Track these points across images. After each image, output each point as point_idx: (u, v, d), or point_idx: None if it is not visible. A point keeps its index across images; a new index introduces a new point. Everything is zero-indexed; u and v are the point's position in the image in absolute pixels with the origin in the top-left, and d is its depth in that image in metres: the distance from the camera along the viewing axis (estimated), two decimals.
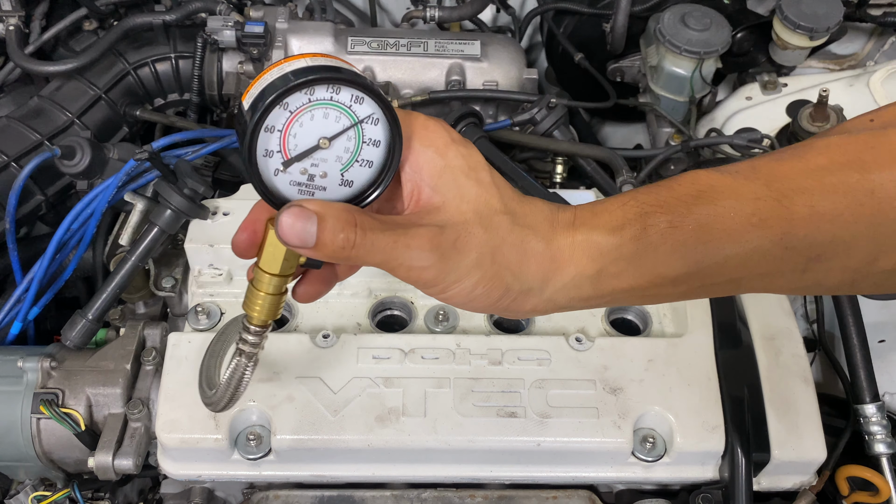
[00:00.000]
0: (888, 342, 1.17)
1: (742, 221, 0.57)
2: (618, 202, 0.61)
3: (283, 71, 0.58)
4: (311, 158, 0.59)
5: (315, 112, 0.58)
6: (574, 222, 0.60)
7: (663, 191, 0.60)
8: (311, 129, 0.58)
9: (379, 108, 0.59)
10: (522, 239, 0.60)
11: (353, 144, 0.59)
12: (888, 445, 1.01)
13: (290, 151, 0.59)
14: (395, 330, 1.09)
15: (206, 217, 1.10)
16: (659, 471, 0.98)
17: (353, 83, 0.57)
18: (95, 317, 1.07)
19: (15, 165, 1.30)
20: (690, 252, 0.58)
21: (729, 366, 1.01)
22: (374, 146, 0.60)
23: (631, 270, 0.60)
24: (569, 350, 1.02)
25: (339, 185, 0.61)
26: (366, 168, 0.60)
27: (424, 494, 1.00)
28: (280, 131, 0.58)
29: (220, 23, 1.42)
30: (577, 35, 1.63)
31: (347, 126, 0.59)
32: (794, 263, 0.58)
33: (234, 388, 0.69)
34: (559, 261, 0.60)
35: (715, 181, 0.59)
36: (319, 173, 0.60)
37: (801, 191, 0.57)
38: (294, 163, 0.59)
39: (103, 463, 1.00)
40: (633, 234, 0.59)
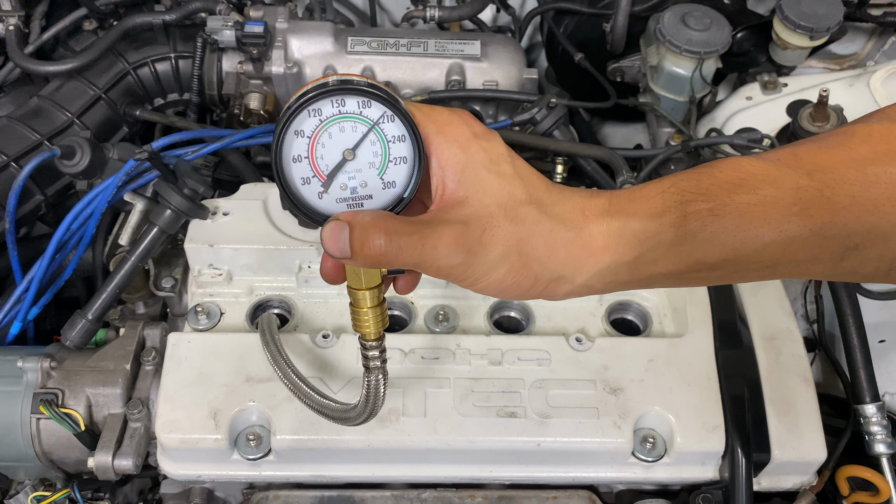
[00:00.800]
0: (888, 342, 1.17)
1: (783, 210, 0.58)
2: (657, 188, 0.61)
3: (305, 88, 0.60)
4: (346, 172, 0.61)
5: (331, 129, 0.60)
6: (609, 209, 0.61)
7: (704, 178, 0.60)
8: (333, 146, 0.60)
9: (385, 107, 0.60)
10: (550, 229, 0.60)
11: (379, 147, 0.61)
12: (888, 445, 1.01)
13: (323, 173, 0.61)
14: (395, 330, 1.09)
15: (205, 217, 1.10)
16: (659, 471, 0.98)
17: (349, 90, 0.59)
18: (95, 317, 1.07)
19: (15, 165, 1.30)
20: (730, 239, 0.59)
21: (729, 366, 1.01)
22: (401, 141, 0.61)
23: (670, 256, 0.60)
24: (569, 350, 1.01)
25: (382, 189, 0.62)
26: (401, 165, 0.62)
27: (424, 494, 1.00)
28: (307, 157, 0.60)
29: (220, 23, 1.42)
30: (577, 35, 1.63)
31: (365, 132, 0.60)
32: (832, 252, 0.59)
33: (374, 402, 0.72)
34: (592, 248, 0.60)
35: (757, 169, 0.59)
36: (360, 184, 0.62)
37: (843, 181, 0.57)
38: (331, 181, 0.61)
39: (103, 463, 1.00)
40: (673, 220, 0.59)
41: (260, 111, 1.46)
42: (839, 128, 0.62)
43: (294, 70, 1.45)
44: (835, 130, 0.61)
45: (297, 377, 0.89)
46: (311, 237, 1.09)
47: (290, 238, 1.08)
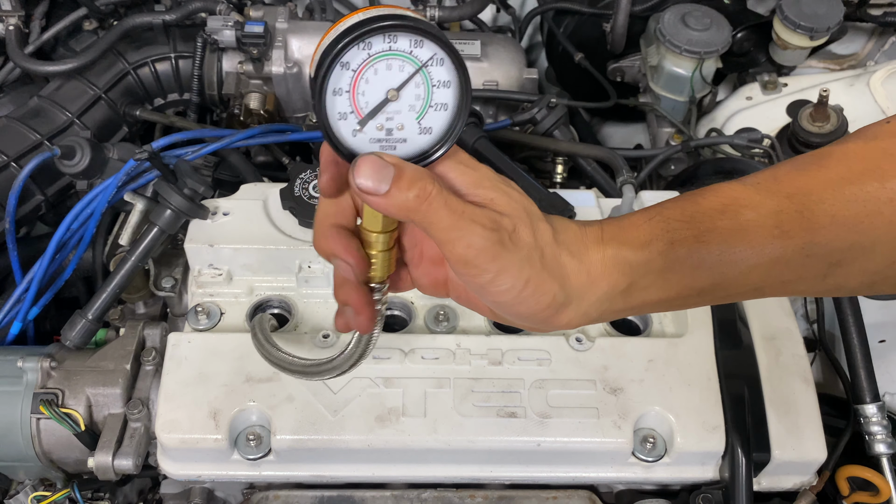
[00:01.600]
0: (888, 342, 1.17)
1: (765, 233, 0.59)
2: (644, 217, 0.62)
3: (336, 32, 0.57)
4: (385, 112, 0.59)
5: (377, 66, 0.57)
6: (602, 237, 0.62)
7: (688, 205, 0.61)
8: (378, 83, 0.58)
9: (439, 48, 0.57)
10: (560, 253, 0.61)
11: (422, 91, 0.59)
12: (888, 445, 1.01)
13: (362, 110, 0.58)
14: (395, 330, 1.09)
15: (205, 217, 1.10)
16: (659, 471, 0.98)
17: (405, 27, 0.56)
18: (95, 317, 1.07)
19: (15, 165, 1.30)
20: (716, 264, 0.60)
21: (729, 366, 1.01)
22: (445, 87, 0.59)
23: (660, 283, 0.61)
24: (569, 350, 1.01)
25: (418, 134, 0.60)
26: (441, 112, 0.60)
27: (424, 494, 1.00)
28: (348, 92, 0.57)
29: (220, 23, 1.42)
30: (577, 35, 1.63)
31: (412, 72, 0.58)
32: (816, 270, 0.60)
33: (365, 346, 0.70)
34: (592, 275, 0.61)
35: (738, 193, 0.61)
36: (396, 126, 0.59)
37: (822, 201, 0.58)
38: (369, 120, 0.58)
39: (103, 463, 1.00)
40: (661, 249, 0.60)
41: (260, 111, 1.46)
42: (817, 150, 0.63)
43: (294, 70, 1.45)
44: (812, 152, 0.63)
45: (284, 354, 0.84)
46: (310, 237, 1.09)
47: (290, 238, 1.08)
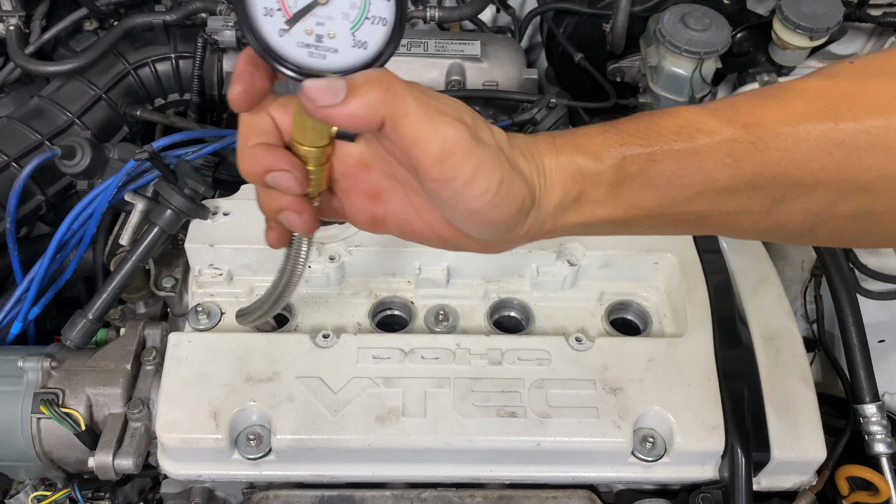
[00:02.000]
0: (888, 342, 1.17)
1: (717, 161, 0.59)
2: (598, 129, 0.62)
3: None
4: (315, 16, 0.55)
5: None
6: (555, 144, 0.62)
7: (644, 123, 0.61)
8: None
9: None
10: (516, 155, 0.60)
11: (360, 1, 0.55)
12: (888, 445, 1.01)
13: (290, 9, 0.54)
14: (395, 330, 1.09)
15: (206, 217, 1.10)
16: (659, 471, 0.98)
17: None
18: (96, 317, 1.07)
19: (15, 165, 1.30)
20: (665, 186, 0.61)
21: (729, 366, 1.01)
22: (384, 0, 0.56)
23: (609, 198, 0.62)
24: (569, 350, 1.02)
25: (351, 46, 0.56)
26: (379, 26, 0.56)
27: (424, 494, 1.00)
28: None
29: (221, 23, 1.42)
30: (577, 35, 1.63)
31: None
32: (760, 204, 0.61)
33: (294, 261, 0.68)
34: (549, 180, 0.61)
35: (695, 118, 0.61)
36: (327, 33, 0.56)
37: (776, 135, 0.59)
38: (296, 21, 0.55)
39: (103, 463, 1.00)
40: (613, 162, 0.60)
41: None
42: (778, 83, 0.63)
43: None
44: (773, 85, 0.63)
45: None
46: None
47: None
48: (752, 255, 1.15)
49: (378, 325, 1.09)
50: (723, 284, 1.08)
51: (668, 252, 1.10)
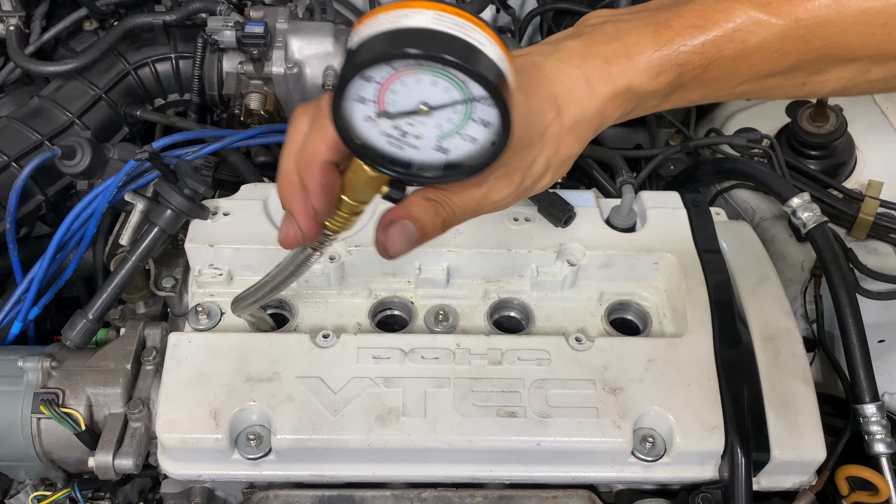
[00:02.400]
0: (888, 342, 1.17)
1: (765, 56, 0.63)
2: (654, 44, 0.63)
3: (399, 23, 0.51)
4: (408, 118, 0.54)
5: (423, 77, 0.52)
6: (610, 72, 0.63)
7: (699, 33, 0.63)
8: (415, 91, 0.52)
9: (490, 93, 0.52)
10: (571, 128, 0.64)
11: (458, 118, 0.54)
12: (888, 445, 1.01)
13: (385, 105, 0.53)
14: (395, 330, 1.09)
15: (206, 217, 1.10)
16: (659, 471, 0.98)
17: (469, 72, 0.50)
18: (96, 317, 1.07)
19: (15, 165, 1.30)
20: (713, 82, 0.64)
21: (729, 366, 1.01)
22: (483, 126, 0.55)
23: (659, 104, 0.66)
24: (569, 350, 1.02)
25: (432, 148, 0.56)
26: (468, 142, 0.56)
27: (424, 494, 1.00)
28: (378, 83, 0.52)
29: (221, 23, 1.42)
30: None
31: (456, 100, 0.53)
32: (798, 79, 0.66)
33: (295, 268, 0.71)
34: (604, 114, 0.64)
35: (750, 19, 0.62)
36: (414, 133, 0.55)
37: (824, 24, 0.62)
38: (387, 118, 0.54)
39: (103, 463, 1.00)
40: (668, 79, 0.63)
41: (260, 111, 1.46)
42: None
43: (294, 70, 1.45)
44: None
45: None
46: None
47: None
48: (752, 255, 1.15)
49: (378, 325, 1.09)
50: (723, 284, 1.08)
51: (668, 252, 1.10)
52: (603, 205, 1.16)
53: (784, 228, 1.31)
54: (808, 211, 1.13)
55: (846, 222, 1.27)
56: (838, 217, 1.27)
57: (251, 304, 0.92)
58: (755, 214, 1.34)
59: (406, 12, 0.51)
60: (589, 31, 0.66)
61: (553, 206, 1.11)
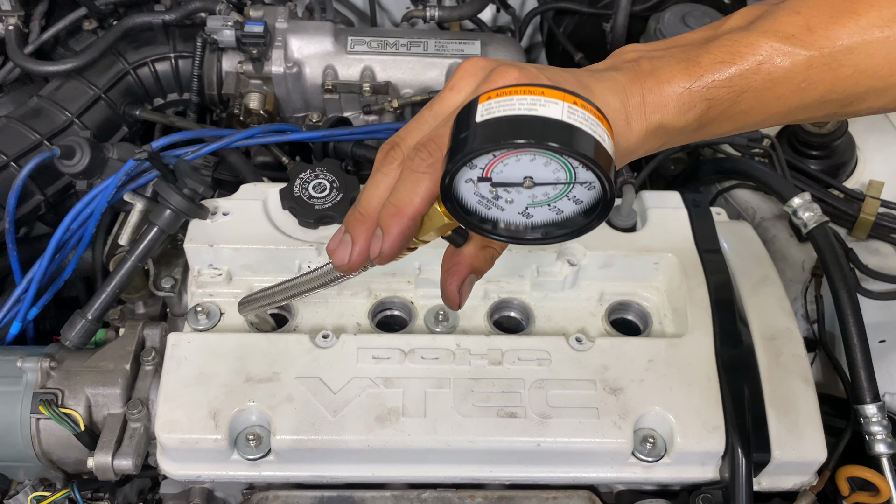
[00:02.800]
0: (888, 342, 1.17)
1: (793, 88, 0.63)
2: (685, 81, 0.63)
3: (535, 111, 0.54)
4: (508, 188, 0.58)
5: (538, 157, 0.55)
6: (645, 110, 0.64)
7: (727, 68, 0.63)
8: (525, 167, 0.56)
9: (601, 182, 0.56)
10: None
11: (554, 194, 0.58)
12: (888, 446, 1.00)
13: (492, 173, 0.56)
14: (394, 330, 1.09)
15: (205, 217, 1.10)
16: (659, 471, 0.98)
17: (588, 161, 0.53)
18: (95, 317, 1.07)
19: (14, 165, 1.30)
20: (741, 117, 0.65)
21: (729, 366, 1.01)
22: (574, 203, 0.58)
23: (688, 137, 0.66)
24: (569, 350, 1.01)
25: (518, 213, 0.59)
26: (553, 213, 0.59)
27: (424, 495, 1.00)
28: (494, 156, 0.55)
29: (220, 22, 1.42)
30: (577, 35, 1.63)
31: (560, 181, 0.56)
32: (828, 111, 0.66)
33: (322, 283, 0.74)
34: (633, 151, 0.65)
35: (774, 51, 0.63)
36: (507, 198, 0.58)
37: (849, 51, 0.62)
38: (489, 185, 0.57)
39: (103, 463, 1.00)
40: (698, 114, 0.64)
41: (260, 111, 1.46)
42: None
43: (294, 70, 1.45)
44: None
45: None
46: (310, 237, 1.09)
47: (290, 238, 1.08)
48: (753, 255, 1.15)
49: (378, 326, 1.09)
50: (723, 284, 1.08)
51: (669, 252, 1.10)
52: None
53: (785, 228, 1.31)
54: (809, 211, 1.12)
55: (847, 222, 1.27)
56: (839, 217, 1.27)
57: (262, 306, 0.92)
58: (756, 214, 1.34)
59: (542, 100, 0.54)
60: (627, 66, 0.66)
61: None
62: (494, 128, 0.54)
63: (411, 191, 0.61)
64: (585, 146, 0.53)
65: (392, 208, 0.62)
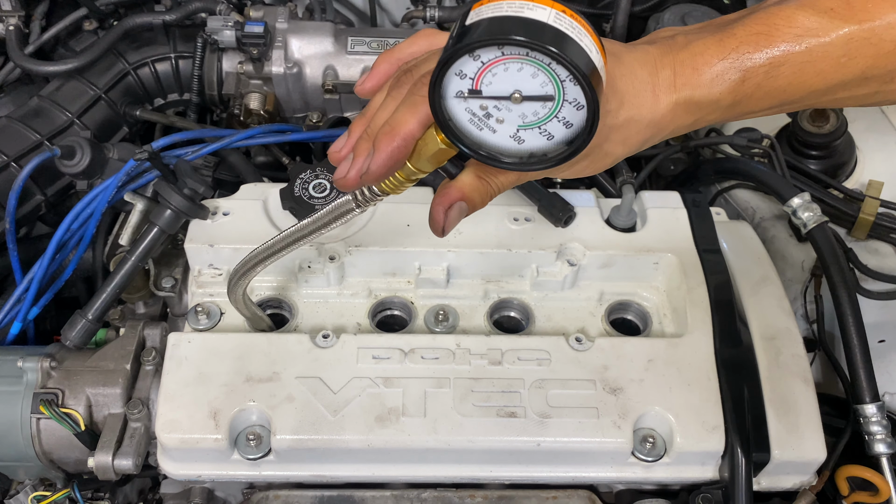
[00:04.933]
0: (888, 342, 1.17)
1: (832, 62, 0.62)
2: (718, 53, 0.63)
3: (521, 12, 0.55)
4: (497, 102, 0.57)
5: (526, 66, 0.55)
6: (675, 83, 0.63)
7: (762, 39, 0.63)
8: (514, 78, 0.56)
9: (587, 100, 0.56)
10: (631, 116, 0.64)
11: (544, 113, 0.57)
12: (888, 445, 1.01)
13: (481, 85, 0.57)
14: (395, 330, 1.09)
15: (205, 217, 1.10)
16: (659, 471, 0.98)
17: (576, 70, 0.54)
18: (95, 317, 1.07)
19: (15, 165, 1.30)
20: (779, 94, 0.64)
21: (729, 366, 1.01)
22: (564, 126, 0.58)
23: (722, 114, 0.65)
24: (569, 350, 1.01)
25: (509, 136, 0.59)
26: (543, 137, 0.59)
27: (424, 494, 1.00)
28: (483, 63, 0.56)
29: (220, 23, 1.42)
30: None
31: (549, 95, 0.57)
32: (869, 89, 0.65)
33: (333, 218, 0.73)
34: (661, 125, 0.64)
35: (812, 23, 0.62)
36: (497, 117, 0.58)
37: (889, 26, 0.61)
38: (478, 98, 0.58)
39: (103, 463, 1.00)
40: (732, 87, 0.63)
41: (260, 111, 1.46)
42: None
43: (294, 70, 1.45)
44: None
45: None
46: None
47: None
48: (753, 255, 1.15)
49: (378, 326, 1.09)
50: (723, 284, 1.08)
51: (669, 252, 1.10)
52: (603, 205, 1.16)
53: (784, 228, 1.31)
54: (809, 211, 1.12)
55: (846, 222, 1.27)
56: (839, 217, 1.27)
57: (281, 250, 0.87)
58: (755, 214, 1.34)
59: (529, 5, 0.55)
60: (662, 40, 0.66)
61: (553, 206, 1.11)
62: (478, 28, 0.55)
63: (408, 112, 0.62)
64: (566, 49, 0.54)
65: (387, 127, 0.63)
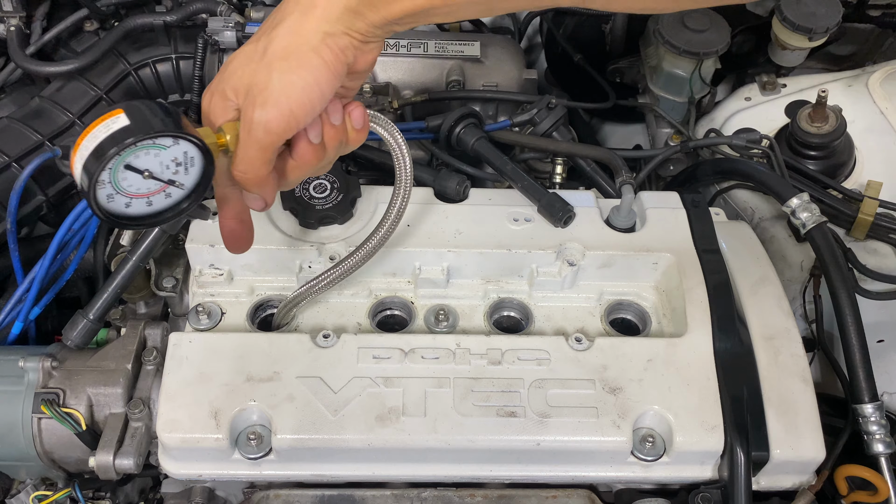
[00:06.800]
0: (887, 342, 1.18)
1: None
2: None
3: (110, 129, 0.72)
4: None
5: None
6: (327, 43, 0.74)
7: None
8: (145, 162, 0.74)
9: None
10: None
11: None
12: (887, 445, 1.01)
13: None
14: (395, 330, 1.09)
15: (206, 217, 1.10)
16: (658, 470, 0.99)
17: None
18: (96, 317, 1.08)
19: (16, 166, 1.30)
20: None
21: (728, 366, 1.01)
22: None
23: (382, 29, 0.75)
24: (568, 350, 1.02)
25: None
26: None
27: (424, 494, 1.01)
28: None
29: (221, 23, 1.43)
30: (576, 36, 1.63)
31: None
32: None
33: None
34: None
35: None
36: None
37: None
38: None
39: (104, 462, 1.00)
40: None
41: None
42: None
43: None
44: None
45: None
46: (311, 237, 1.09)
47: (290, 238, 1.09)
48: (752, 255, 1.15)
49: (378, 325, 1.10)
50: (722, 284, 1.08)
51: (668, 252, 1.10)
52: (602, 205, 1.16)
53: (783, 228, 1.31)
54: (808, 211, 1.13)
55: (845, 222, 1.28)
56: (837, 217, 1.27)
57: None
58: (754, 215, 1.34)
59: (108, 122, 0.73)
60: None
61: (553, 207, 1.12)
62: (96, 152, 0.73)
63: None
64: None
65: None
